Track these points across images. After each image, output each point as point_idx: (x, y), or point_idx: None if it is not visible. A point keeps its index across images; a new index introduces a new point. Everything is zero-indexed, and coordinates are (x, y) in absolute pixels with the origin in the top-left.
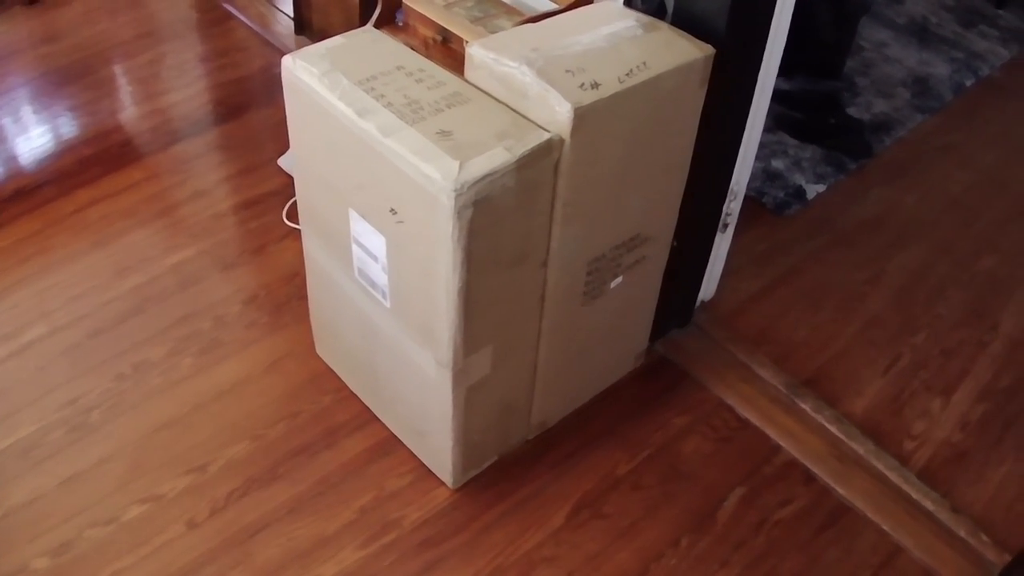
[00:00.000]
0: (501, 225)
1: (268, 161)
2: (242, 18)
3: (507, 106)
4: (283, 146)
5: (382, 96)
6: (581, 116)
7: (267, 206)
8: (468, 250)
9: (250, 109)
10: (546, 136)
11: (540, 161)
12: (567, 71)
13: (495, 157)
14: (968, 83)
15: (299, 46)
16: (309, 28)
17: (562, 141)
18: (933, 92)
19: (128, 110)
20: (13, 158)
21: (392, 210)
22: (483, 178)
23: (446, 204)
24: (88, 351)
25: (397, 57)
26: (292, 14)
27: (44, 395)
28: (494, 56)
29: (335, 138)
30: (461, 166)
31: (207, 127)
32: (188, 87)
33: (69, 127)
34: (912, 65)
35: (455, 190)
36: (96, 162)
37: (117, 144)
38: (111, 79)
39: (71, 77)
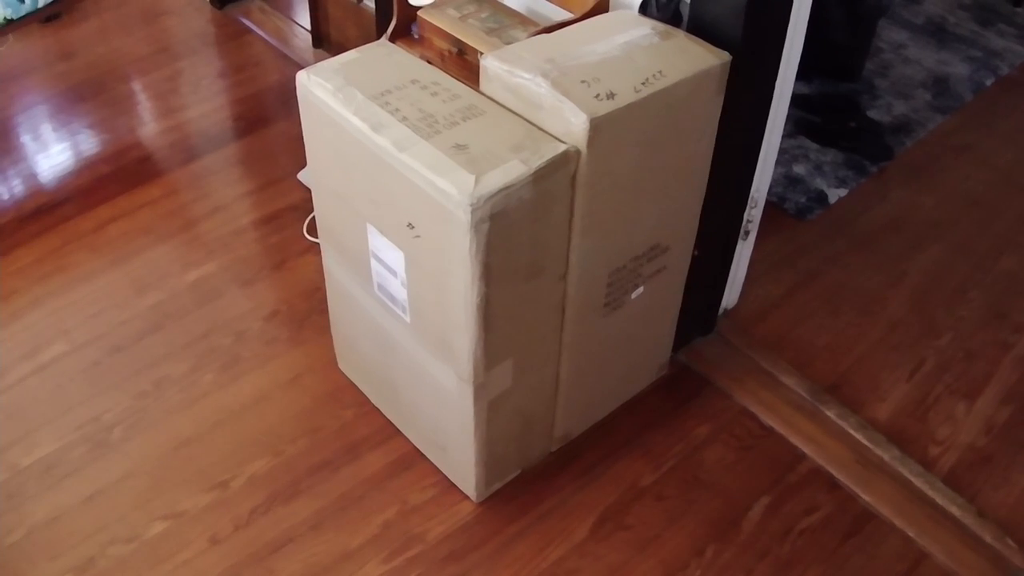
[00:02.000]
0: (519, 238)
1: (287, 175)
2: (259, 32)
3: (523, 118)
4: (302, 160)
5: (397, 110)
6: (597, 127)
7: (286, 221)
8: (486, 264)
9: (268, 123)
10: (562, 148)
11: (556, 173)
12: (582, 81)
13: (511, 170)
14: (988, 82)
15: (316, 59)
16: (327, 41)
17: (578, 152)
18: (952, 92)
19: (146, 126)
20: (32, 176)
21: (409, 224)
22: (499, 191)
23: (463, 218)
24: (108, 369)
25: (411, 70)
26: (309, 27)
27: (64, 413)
28: (508, 68)
29: (350, 153)
30: (477, 180)
31: (225, 142)
32: (205, 102)
33: (87, 144)
34: (930, 65)
35: (471, 204)
36: (114, 179)
37: (135, 161)
38: (128, 96)
39: (88, 94)
